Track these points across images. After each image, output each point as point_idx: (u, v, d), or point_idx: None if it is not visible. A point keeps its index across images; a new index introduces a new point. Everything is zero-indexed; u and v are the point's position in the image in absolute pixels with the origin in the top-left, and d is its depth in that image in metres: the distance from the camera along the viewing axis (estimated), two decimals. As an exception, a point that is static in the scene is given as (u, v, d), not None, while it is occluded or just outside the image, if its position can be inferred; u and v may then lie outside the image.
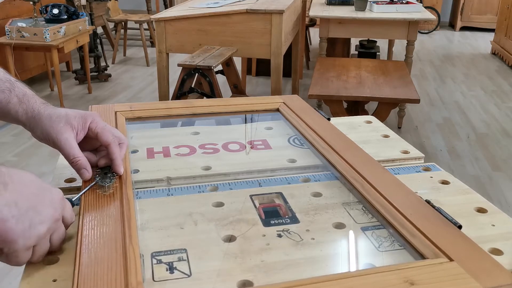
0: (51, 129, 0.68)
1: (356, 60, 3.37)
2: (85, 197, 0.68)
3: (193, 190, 0.76)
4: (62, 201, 0.59)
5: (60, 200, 0.58)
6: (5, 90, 0.69)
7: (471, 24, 6.78)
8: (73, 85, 4.19)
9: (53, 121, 0.68)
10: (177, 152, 0.89)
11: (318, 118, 0.98)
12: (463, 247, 0.57)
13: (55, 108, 0.71)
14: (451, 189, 0.79)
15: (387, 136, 1.01)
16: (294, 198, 0.74)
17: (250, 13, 2.83)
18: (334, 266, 0.60)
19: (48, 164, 2.69)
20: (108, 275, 0.52)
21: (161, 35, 2.96)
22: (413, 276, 0.52)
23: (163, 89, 3.10)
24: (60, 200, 0.58)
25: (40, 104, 0.70)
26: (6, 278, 1.85)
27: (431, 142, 3.12)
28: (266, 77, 4.35)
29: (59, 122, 0.68)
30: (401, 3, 3.36)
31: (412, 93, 2.64)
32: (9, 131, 3.18)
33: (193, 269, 0.57)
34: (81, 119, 0.70)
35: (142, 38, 4.91)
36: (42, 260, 0.58)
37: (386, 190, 0.70)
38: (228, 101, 1.08)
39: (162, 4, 6.27)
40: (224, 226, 0.66)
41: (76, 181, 0.79)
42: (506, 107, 3.80)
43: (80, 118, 0.70)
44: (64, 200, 0.60)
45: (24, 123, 0.70)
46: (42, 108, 0.70)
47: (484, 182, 2.63)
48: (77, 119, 0.70)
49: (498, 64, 5.08)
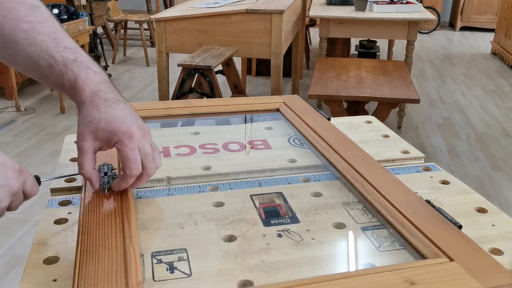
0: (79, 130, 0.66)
1: (356, 60, 3.37)
2: (85, 197, 0.68)
3: (193, 190, 0.76)
4: (20, 175, 0.59)
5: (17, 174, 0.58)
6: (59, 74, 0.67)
7: (471, 24, 6.78)
8: (73, 85, 4.19)
9: (83, 123, 0.65)
10: (177, 152, 0.89)
11: (318, 118, 0.98)
12: (463, 247, 0.57)
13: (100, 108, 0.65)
14: (451, 189, 0.79)
15: (387, 136, 1.01)
16: (294, 198, 0.74)
17: (250, 13, 2.83)
18: (334, 266, 0.60)
19: (48, 164, 2.69)
20: (108, 275, 0.52)
21: (161, 35, 2.96)
22: (413, 276, 0.52)
23: (163, 89, 3.10)
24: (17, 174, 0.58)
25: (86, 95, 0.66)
26: (6, 278, 1.85)
27: (431, 142, 3.12)
28: (266, 77, 4.34)
29: (86, 127, 0.65)
30: (401, 3, 3.36)
31: (412, 93, 2.64)
32: (9, 131, 3.18)
33: (193, 269, 0.57)
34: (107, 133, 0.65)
35: (142, 38, 4.91)
36: (43, 260, 0.59)
37: (386, 190, 0.70)
38: (228, 101, 1.08)
39: (162, 4, 6.27)
40: (224, 226, 0.66)
41: (76, 181, 0.79)
42: (506, 107, 3.80)
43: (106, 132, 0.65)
44: (22, 174, 0.60)
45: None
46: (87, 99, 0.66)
47: (484, 182, 2.63)
48: (104, 133, 0.65)
49: (498, 64, 5.08)
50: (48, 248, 0.62)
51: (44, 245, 0.63)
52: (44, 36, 0.68)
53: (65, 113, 3.51)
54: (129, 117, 0.67)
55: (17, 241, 2.05)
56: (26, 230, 2.12)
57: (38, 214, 2.26)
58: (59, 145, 2.80)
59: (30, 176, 0.62)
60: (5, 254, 1.97)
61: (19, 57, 0.68)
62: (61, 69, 0.67)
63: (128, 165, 0.65)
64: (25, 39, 0.67)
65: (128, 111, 0.67)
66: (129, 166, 0.65)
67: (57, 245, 0.63)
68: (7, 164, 0.58)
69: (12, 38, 0.67)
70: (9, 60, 0.70)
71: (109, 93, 0.68)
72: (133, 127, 0.65)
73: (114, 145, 0.65)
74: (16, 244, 2.04)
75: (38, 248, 0.62)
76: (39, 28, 0.68)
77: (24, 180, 0.60)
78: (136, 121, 0.67)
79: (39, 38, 0.67)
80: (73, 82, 0.67)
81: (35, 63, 0.67)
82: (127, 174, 0.66)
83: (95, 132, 0.65)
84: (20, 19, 0.67)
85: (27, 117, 3.43)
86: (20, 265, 1.90)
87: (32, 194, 0.62)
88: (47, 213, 0.71)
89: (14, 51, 0.68)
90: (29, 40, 0.67)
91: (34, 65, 0.68)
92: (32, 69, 0.69)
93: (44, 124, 3.30)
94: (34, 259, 0.60)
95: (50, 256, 0.61)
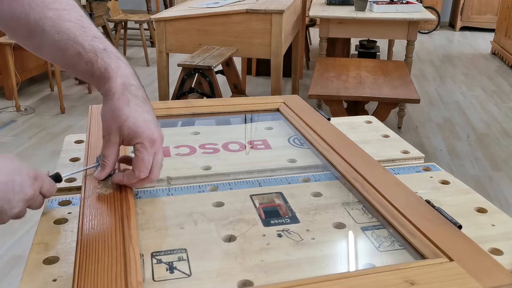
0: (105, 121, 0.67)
1: (356, 60, 3.37)
2: (85, 197, 0.68)
3: (193, 190, 0.76)
4: (36, 181, 0.62)
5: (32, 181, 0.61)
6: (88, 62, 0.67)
7: (471, 24, 6.78)
8: (73, 85, 4.19)
9: (111, 117, 0.66)
10: (177, 152, 0.89)
11: (318, 118, 0.98)
12: (463, 247, 0.57)
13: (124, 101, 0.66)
14: (451, 189, 0.79)
15: (387, 136, 1.01)
16: (294, 198, 0.74)
17: (250, 13, 2.83)
18: (334, 266, 0.60)
19: (48, 164, 2.69)
20: (108, 275, 0.52)
21: (161, 35, 2.96)
22: (413, 276, 0.52)
23: (163, 89, 3.10)
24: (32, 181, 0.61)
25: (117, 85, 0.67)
26: (6, 278, 1.85)
27: (431, 142, 3.12)
28: (266, 77, 4.34)
29: (114, 121, 0.66)
30: (401, 3, 3.36)
31: (412, 93, 2.64)
32: (9, 131, 3.18)
33: (193, 269, 0.57)
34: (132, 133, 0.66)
35: (142, 38, 4.91)
36: (43, 260, 0.59)
37: (386, 190, 0.70)
38: (228, 101, 1.08)
39: (162, 4, 6.27)
40: (224, 226, 0.66)
41: (76, 180, 0.79)
42: (506, 107, 3.80)
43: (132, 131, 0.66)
44: (38, 179, 0.63)
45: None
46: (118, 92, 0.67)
47: (484, 182, 2.63)
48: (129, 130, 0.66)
49: (498, 64, 5.08)
50: (48, 248, 0.62)
51: (44, 245, 0.63)
52: (71, 24, 0.67)
53: (65, 113, 3.51)
54: (154, 122, 0.69)
55: (17, 241, 2.05)
56: (26, 230, 2.12)
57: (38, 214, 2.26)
58: (59, 145, 2.80)
59: (46, 179, 0.65)
60: (5, 254, 1.97)
61: (45, 45, 0.68)
62: (90, 57, 0.67)
63: (140, 167, 0.67)
64: (51, 27, 0.67)
65: (153, 115, 0.70)
66: (141, 169, 0.67)
67: (57, 245, 0.63)
68: (24, 172, 0.61)
69: (38, 27, 0.66)
70: (36, 48, 0.70)
71: (138, 90, 0.69)
72: (156, 134, 0.68)
73: (134, 144, 0.67)
74: (16, 244, 2.04)
75: (38, 248, 0.62)
76: (65, 16, 0.68)
77: (40, 185, 0.63)
78: (158, 127, 0.69)
79: (66, 26, 0.67)
80: (103, 70, 0.67)
81: (62, 51, 0.67)
82: (135, 175, 0.67)
83: (121, 128, 0.66)
84: (45, 6, 0.67)
85: (27, 117, 3.43)
86: (20, 265, 1.90)
87: (50, 195, 0.66)
88: (47, 213, 0.71)
89: (40, 39, 0.67)
90: (56, 28, 0.67)
91: (62, 53, 0.68)
92: (59, 57, 0.69)
93: (44, 124, 3.30)
94: (34, 259, 0.60)
95: (50, 256, 0.61)
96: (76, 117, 3.47)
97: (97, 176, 0.70)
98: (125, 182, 0.69)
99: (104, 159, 0.69)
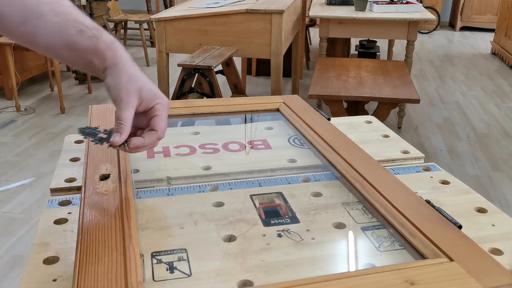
0: (123, 85, 0.67)
1: (356, 60, 3.37)
2: (85, 197, 0.68)
3: (193, 190, 0.76)
4: None
5: None
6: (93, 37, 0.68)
7: (471, 24, 6.78)
8: (73, 85, 4.19)
9: (129, 81, 0.67)
10: (177, 152, 0.89)
11: (318, 118, 0.98)
12: (463, 247, 0.57)
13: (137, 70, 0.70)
14: (451, 189, 0.79)
15: (387, 136, 1.01)
16: (294, 198, 0.74)
17: (250, 13, 2.83)
18: (334, 266, 0.60)
19: (48, 164, 2.69)
20: (108, 275, 0.52)
21: (161, 35, 2.96)
22: (413, 276, 0.52)
23: (163, 89, 3.10)
24: None
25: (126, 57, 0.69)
26: (6, 278, 1.85)
27: (431, 142, 3.12)
28: (266, 77, 4.34)
29: (132, 84, 0.67)
30: (401, 3, 3.36)
31: (412, 93, 2.64)
32: (9, 131, 3.18)
33: (193, 269, 0.57)
34: (151, 94, 0.69)
35: (142, 38, 4.91)
36: (43, 260, 0.59)
37: (386, 190, 0.70)
38: (228, 101, 1.08)
39: (162, 4, 6.27)
40: (224, 226, 0.66)
41: (76, 180, 0.79)
42: (506, 107, 3.80)
43: (151, 93, 0.69)
44: None
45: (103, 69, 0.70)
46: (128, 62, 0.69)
47: (484, 182, 2.63)
48: (148, 93, 0.69)
49: (498, 64, 5.08)
50: (48, 248, 0.62)
51: (44, 245, 0.63)
52: (69, 8, 0.68)
53: (65, 113, 3.51)
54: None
55: (17, 241, 2.05)
56: (26, 230, 2.12)
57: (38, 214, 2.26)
58: (59, 145, 2.80)
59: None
60: (5, 254, 1.97)
61: (41, 29, 0.67)
62: (94, 33, 0.68)
63: (161, 126, 0.69)
64: (49, 10, 0.67)
65: None
66: (162, 128, 0.69)
67: (57, 245, 0.63)
68: None
69: (34, 10, 0.66)
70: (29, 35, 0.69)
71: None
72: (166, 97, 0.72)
73: (153, 106, 0.69)
74: (16, 244, 2.04)
75: (38, 248, 0.62)
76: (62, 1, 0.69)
77: None
78: None
79: (65, 9, 0.68)
80: (110, 44, 0.68)
81: (61, 33, 0.67)
82: (158, 134, 0.69)
83: (141, 91, 0.67)
84: None
85: (27, 117, 3.43)
86: (20, 265, 1.90)
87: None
88: (47, 213, 0.71)
89: (36, 23, 0.67)
90: (55, 11, 0.67)
91: (60, 35, 0.67)
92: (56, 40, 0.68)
93: (44, 124, 3.30)
94: (34, 259, 0.60)
95: (50, 256, 0.61)
96: (76, 117, 3.47)
97: (115, 141, 0.66)
98: (147, 143, 0.68)
99: (121, 121, 0.66)
